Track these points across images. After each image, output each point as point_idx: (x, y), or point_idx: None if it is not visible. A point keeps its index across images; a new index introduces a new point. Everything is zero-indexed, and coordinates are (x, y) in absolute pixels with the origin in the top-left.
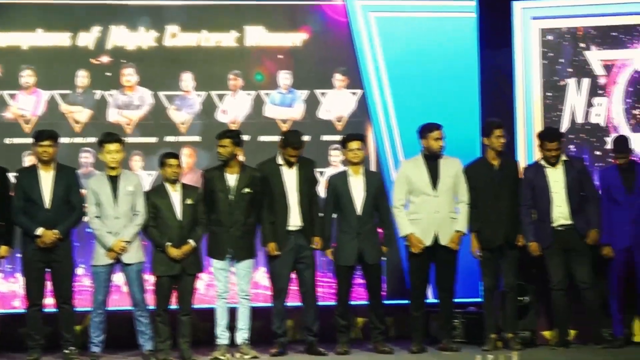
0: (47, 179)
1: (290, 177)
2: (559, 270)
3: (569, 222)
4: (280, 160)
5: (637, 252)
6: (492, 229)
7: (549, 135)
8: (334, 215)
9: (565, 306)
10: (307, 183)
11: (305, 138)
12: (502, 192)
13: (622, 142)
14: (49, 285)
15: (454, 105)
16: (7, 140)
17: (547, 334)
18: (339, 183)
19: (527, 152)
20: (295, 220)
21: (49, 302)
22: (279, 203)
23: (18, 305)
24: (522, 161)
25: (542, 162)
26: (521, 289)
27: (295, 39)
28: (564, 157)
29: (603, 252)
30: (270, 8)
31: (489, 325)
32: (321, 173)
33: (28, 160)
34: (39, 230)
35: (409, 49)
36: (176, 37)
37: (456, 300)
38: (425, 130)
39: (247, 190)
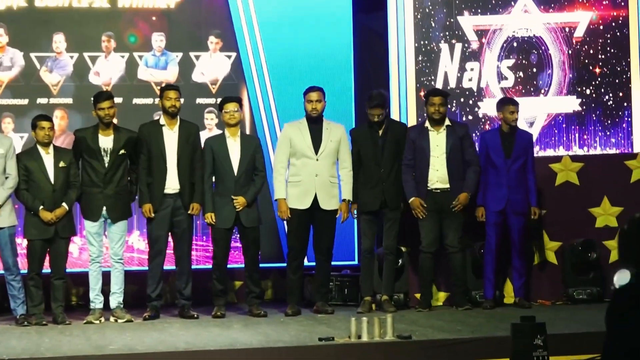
0: None
1: (170, 140)
2: (430, 233)
3: (446, 185)
4: (162, 121)
5: (511, 216)
6: (374, 193)
7: (434, 90)
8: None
9: (429, 268)
10: (187, 147)
11: (180, 101)
12: (385, 155)
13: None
14: None
15: (328, 69)
16: None
17: (419, 296)
18: (215, 145)
19: (400, 115)
20: (172, 183)
21: None
22: (156, 165)
23: None
24: None
25: (427, 125)
26: (395, 251)
27: (169, 0)
28: (447, 122)
29: (477, 213)
30: None
31: (364, 287)
32: None
33: None
34: None
35: (283, 11)
36: None
37: (332, 263)
38: (304, 92)
39: (122, 151)
